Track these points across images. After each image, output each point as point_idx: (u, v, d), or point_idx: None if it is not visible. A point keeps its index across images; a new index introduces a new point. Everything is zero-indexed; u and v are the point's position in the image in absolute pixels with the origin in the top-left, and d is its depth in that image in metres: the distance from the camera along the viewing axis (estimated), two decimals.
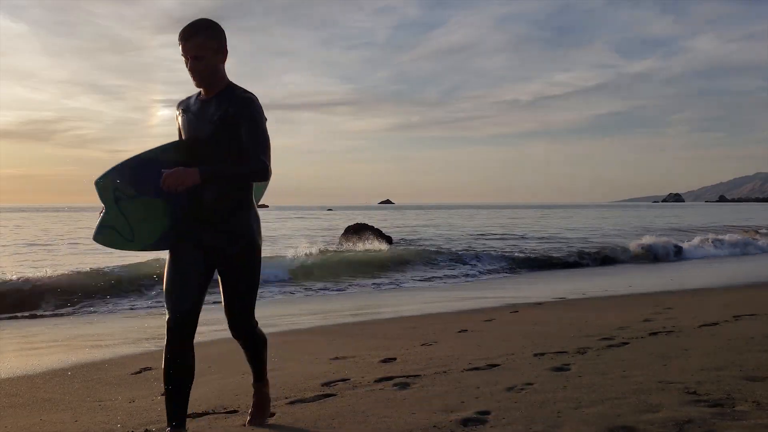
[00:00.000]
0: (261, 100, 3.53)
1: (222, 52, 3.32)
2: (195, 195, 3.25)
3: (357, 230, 27.84)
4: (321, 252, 20.74)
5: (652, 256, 22.98)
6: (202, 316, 3.61)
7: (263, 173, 3.22)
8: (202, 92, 3.42)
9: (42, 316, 11.60)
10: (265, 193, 4.52)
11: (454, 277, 17.57)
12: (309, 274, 17.24)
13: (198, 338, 3.64)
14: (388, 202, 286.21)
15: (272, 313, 11.10)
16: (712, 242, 26.71)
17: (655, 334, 7.21)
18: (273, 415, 4.41)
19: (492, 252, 23.12)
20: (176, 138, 3.72)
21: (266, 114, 3.46)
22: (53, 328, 10.20)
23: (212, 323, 9.94)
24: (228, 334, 4.05)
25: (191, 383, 3.41)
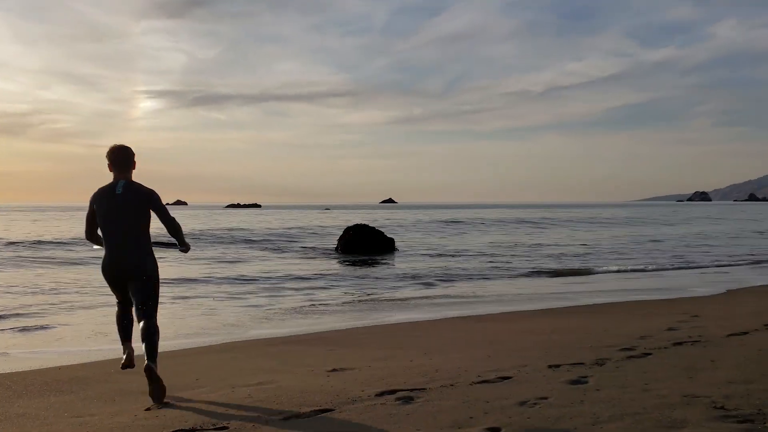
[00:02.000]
0: (250, 91, 3.47)
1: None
2: None
3: (358, 233, 27.66)
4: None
5: None
6: (186, 327, 3.62)
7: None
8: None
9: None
10: (257, 191, 4.51)
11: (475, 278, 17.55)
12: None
13: (184, 347, 3.65)
14: (390, 201, 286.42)
15: (267, 323, 11.12)
16: None
17: (679, 344, 7.21)
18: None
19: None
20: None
21: (257, 105, 3.55)
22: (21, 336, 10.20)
23: (200, 335, 9.97)
24: (218, 344, 4.05)
25: (132, 325, 5.85)
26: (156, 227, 5.74)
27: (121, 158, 5.47)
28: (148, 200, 5.46)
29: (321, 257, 25.92)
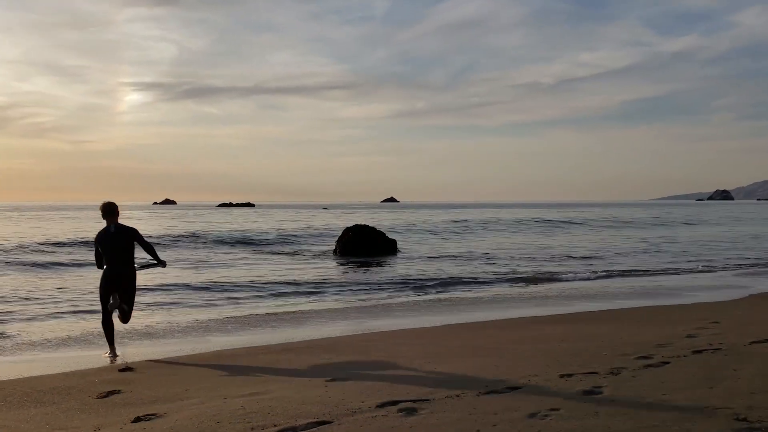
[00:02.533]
0: (243, 83, 3.51)
1: None
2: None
3: (357, 234, 27.67)
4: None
5: None
6: (175, 336, 3.61)
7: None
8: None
9: None
10: (251, 189, 4.54)
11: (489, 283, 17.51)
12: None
13: (171, 356, 3.63)
14: (392, 200, 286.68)
15: (263, 328, 11.10)
16: None
17: (699, 352, 7.20)
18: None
19: None
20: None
21: (251, 99, 3.62)
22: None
23: (187, 343, 9.96)
24: (208, 353, 4.04)
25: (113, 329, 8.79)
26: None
27: (109, 210, 8.64)
28: (132, 236, 8.63)
29: (318, 260, 25.92)
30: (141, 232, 8.89)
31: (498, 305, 13.72)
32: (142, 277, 12.28)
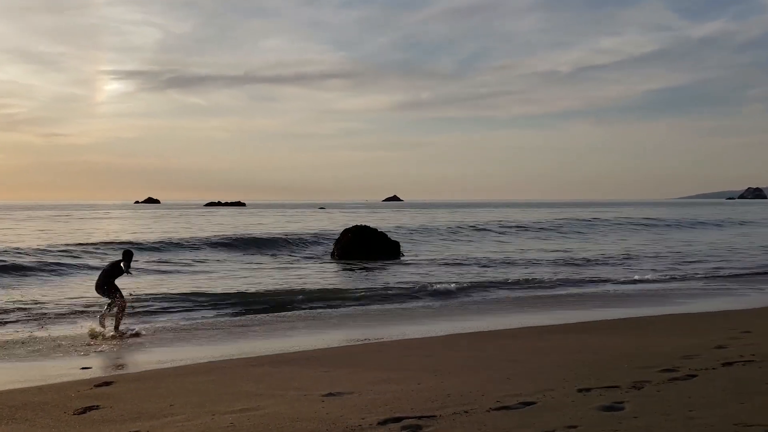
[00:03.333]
0: (233, 72, 3.49)
1: None
2: None
3: (357, 236, 27.60)
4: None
5: None
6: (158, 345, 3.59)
7: None
8: None
9: None
10: (241, 187, 4.54)
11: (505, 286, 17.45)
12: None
13: (155, 368, 3.62)
14: (395, 199, 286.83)
15: (254, 336, 11.09)
16: None
17: (729, 364, 7.18)
18: None
19: None
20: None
21: (241, 88, 3.62)
22: None
23: (172, 353, 9.94)
24: (195, 365, 4.03)
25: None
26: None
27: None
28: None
29: (314, 263, 25.93)
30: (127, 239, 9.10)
31: (511, 312, 13.70)
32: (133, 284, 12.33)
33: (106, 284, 12.22)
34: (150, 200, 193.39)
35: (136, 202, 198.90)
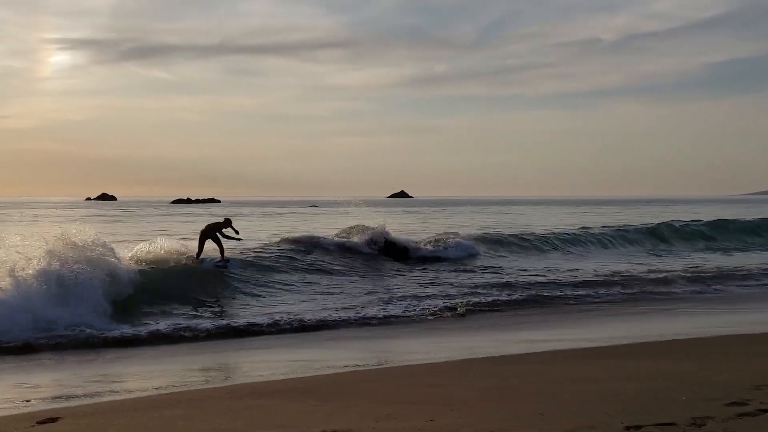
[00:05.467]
0: (206, 40, 3.48)
1: None
2: None
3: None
4: None
5: None
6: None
7: None
8: None
9: None
10: (215, 181, 4.55)
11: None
12: None
13: (115, 399, 3.61)
14: (402, 195, 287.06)
15: (226, 359, 11.10)
16: None
17: None
18: None
19: None
20: None
21: (216, 60, 3.61)
22: None
23: (138, 381, 9.93)
24: (163, 396, 4.02)
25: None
26: None
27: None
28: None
29: (303, 272, 25.91)
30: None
31: (540, 330, 13.70)
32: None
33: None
34: (104, 197, 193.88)
35: (88, 199, 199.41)
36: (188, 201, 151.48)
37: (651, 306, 17.80)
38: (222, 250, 21.33)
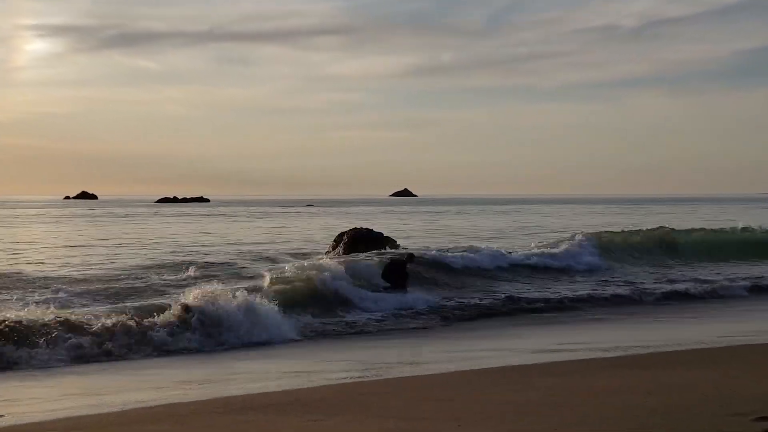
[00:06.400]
0: (194, 27, 3.47)
1: None
2: None
3: (355, 241, 27.49)
4: None
5: None
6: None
7: None
8: None
9: None
10: (202, 179, 4.55)
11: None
12: None
13: (89, 413, 3.63)
14: (405, 193, 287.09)
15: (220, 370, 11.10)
16: None
17: None
18: None
19: None
20: None
21: (205, 48, 3.57)
22: None
23: (117, 394, 9.93)
24: (144, 410, 4.03)
25: None
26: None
27: None
28: None
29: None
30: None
31: (549, 339, 13.71)
32: None
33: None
34: (84, 195, 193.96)
35: (67, 197, 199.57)
36: (175, 200, 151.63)
37: None
38: None
